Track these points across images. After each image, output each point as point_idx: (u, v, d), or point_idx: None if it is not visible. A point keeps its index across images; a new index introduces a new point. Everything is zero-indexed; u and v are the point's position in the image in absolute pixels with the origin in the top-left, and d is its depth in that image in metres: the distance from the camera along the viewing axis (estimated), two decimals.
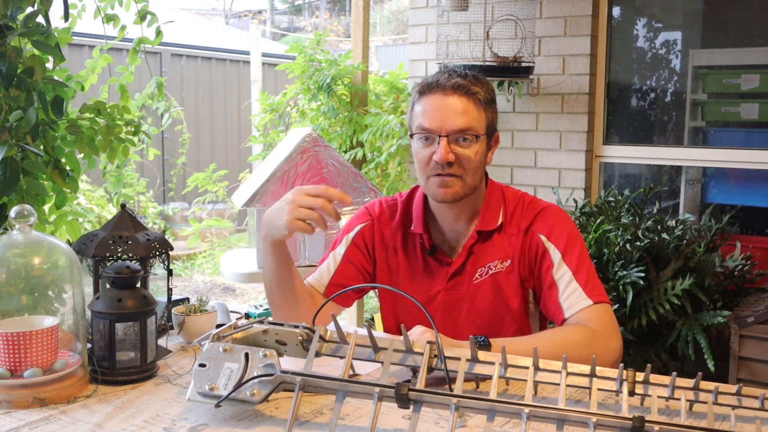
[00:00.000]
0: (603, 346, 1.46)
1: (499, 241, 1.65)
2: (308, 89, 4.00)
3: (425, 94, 1.58)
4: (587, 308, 1.51)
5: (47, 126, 2.02)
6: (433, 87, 1.57)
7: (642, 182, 3.70)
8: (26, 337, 1.28)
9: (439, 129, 1.54)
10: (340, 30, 16.47)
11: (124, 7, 2.41)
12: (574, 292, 1.54)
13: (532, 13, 3.38)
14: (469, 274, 1.65)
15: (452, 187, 1.57)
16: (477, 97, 1.56)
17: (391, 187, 3.89)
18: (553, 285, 1.57)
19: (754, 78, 3.37)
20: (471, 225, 1.67)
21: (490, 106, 1.61)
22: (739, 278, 2.87)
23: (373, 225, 1.74)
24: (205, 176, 5.18)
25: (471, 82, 1.57)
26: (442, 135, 1.54)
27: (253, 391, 1.17)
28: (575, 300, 1.53)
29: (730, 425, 1.12)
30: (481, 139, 1.58)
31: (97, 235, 1.47)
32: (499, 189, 1.70)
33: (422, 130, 1.57)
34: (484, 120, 1.58)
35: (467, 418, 1.20)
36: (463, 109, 1.54)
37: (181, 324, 1.60)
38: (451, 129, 1.54)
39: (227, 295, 5.95)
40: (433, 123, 1.55)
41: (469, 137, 1.55)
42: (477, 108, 1.56)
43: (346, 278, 1.70)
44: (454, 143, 1.55)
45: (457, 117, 1.54)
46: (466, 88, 1.55)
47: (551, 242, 1.60)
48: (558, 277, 1.56)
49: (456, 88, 1.55)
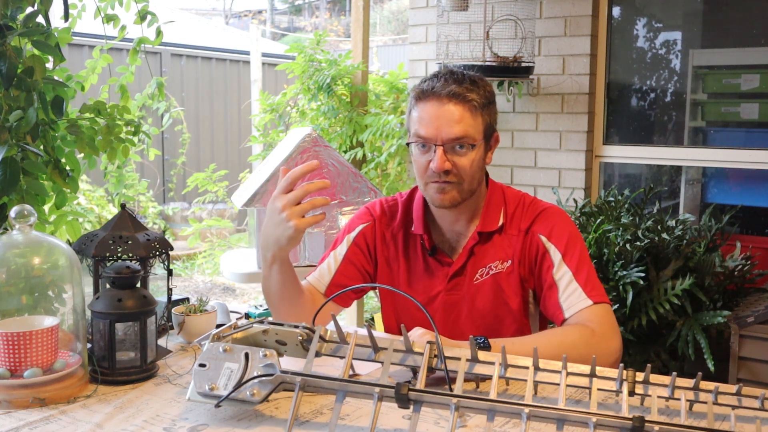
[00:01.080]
0: (602, 346, 1.46)
1: (499, 242, 1.65)
2: (308, 89, 4.00)
3: (421, 100, 1.58)
4: (587, 308, 1.52)
5: (47, 126, 2.02)
6: (428, 94, 1.56)
7: (642, 182, 3.70)
8: (26, 337, 1.28)
9: (435, 138, 1.54)
10: (340, 30, 16.47)
11: (124, 7, 2.41)
12: (574, 292, 1.54)
13: (532, 13, 3.38)
14: (469, 275, 1.66)
15: (450, 193, 1.57)
16: (473, 104, 1.55)
17: (391, 187, 3.89)
18: (553, 285, 1.57)
19: (754, 78, 3.37)
20: (471, 226, 1.67)
21: (488, 108, 1.60)
22: (739, 278, 2.87)
23: (374, 225, 1.74)
24: (205, 176, 5.18)
25: (467, 88, 1.55)
26: (438, 144, 1.54)
27: (253, 391, 1.17)
28: (575, 300, 1.53)
29: (730, 425, 1.12)
30: (478, 145, 1.57)
31: (97, 235, 1.47)
32: (500, 190, 1.70)
33: (418, 138, 1.57)
34: (481, 125, 1.58)
35: (467, 418, 1.20)
36: (458, 117, 1.54)
37: (181, 324, 1.60)
38: (446, 138, 1.53)
39: (227, 295, 5.95)
40: (428, 131, 1.55)
41: (465, 145, 1.55)
42: (473, 115, 1.55)
43: (346, 278, 1.70)
44: (450, 152, 1.55)
45: (453, 126, 1.53)
46: (462, 95, 1.54)
47: (551, 243, 1.60)
48: (558, 278, 1.56)
49: (451, 96, 1.54)
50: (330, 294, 1.66)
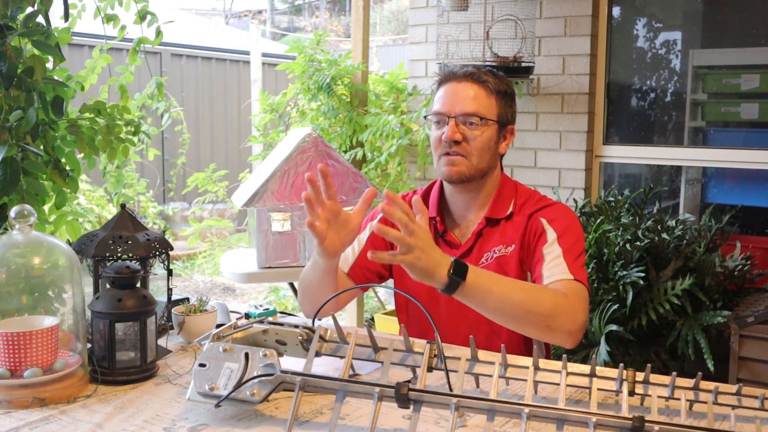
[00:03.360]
0: (569, 313, 1.49)
1: (505, 228, 1.72)
2: (308, 89, 4.00)
3: (442, 84, 1.73)
4: (566, 280, 1.56)
5: (47, 126, 2.02)
6: (448, 77, 1.72)
7: (642, 182, 3.70)
8: (26, 337, 1.28)
9: (449, 111, 1.67)
10: (340, 30, 16.47)
11: (124, 7, 2.41)
12: (559, 266, 1.59)
13: (532, 13, 3.38)
14: (475, 258, 1.72)
15: (458, 165, 1.67)
16: (487, 85, 1.68)
17: (391, 187, 3.89)
18: (540, 259, 1.63)
19: (754, 78, 3.37)
20: (481, 212, 1.75)
21: (504, 97, 1.71)
22: (739, 278, 2.87)
23: None
24: (205, 176, 5.18)
25: (484, 72, 1.70)
26: (451, 116, 1.66)
27: (253, 391, 1.17)
28: (557, 271, 1.58)
29: (730, 425, 1.12)
30: (490, 124, 1.68)
31: (97, 235, 1.47)
32: (513, 183, 1.79)
33: (435, 113, 1.70)
34: (495, 107, 1.69)
35: (467, 418, 1.20)
36: (473, 95, 1.67)
37: (181, 324, 1.60)
38: (459, 112, 1.66)
39: (227, 295, 5.95)
40: (444, 107, 1.68)
41: (476, 121, 1.66)
42: (487, 95, 1.68)
43: (369, 260, 1.75)
44: (462, 125, 1.66)
45: (467, 102, 1.66)
46: (477, 76, 1.69)
47: (551, 226, 1.66)
48: (546, 252, 1.62)
49: (467, 76, 1.69)
50: (353, 274, 1.77)
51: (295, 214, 2.71)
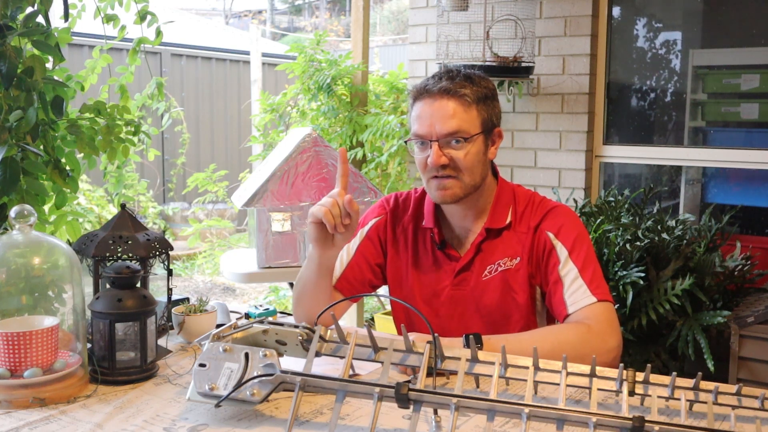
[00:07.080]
0: (598, 342, 1.47)
1: (508, 239, 1.67)
2: (308, 89, 4.00)
3: (417, 100, 1.62)
4: (590, 306, 1.53)
5: (47, 126, 2.02)
6: (422, 93, 1.61)
7: (642, 182, 3.70)
8: (26, 337, 1.28)
9: (430, 134, 1.58)
10: (340, 30, 16.47)
11: (124, 7, 2.41)
12: (579, 289, 1.55)
13: (532, 13, 3.38)
14: (477, 271, 1.68)
15: (450, 188, 1.60)
16: (465, 98, 1.58)
17: (391, 187, 3.89)
18: (558, 281, 1.59)
19: (754, 78, 3.37)
20: (479, 222, 1.70)
21: (484, 102, 1.61)
22: (739, 278, 2.87)
23: (386, 219, 1.79)
24: (205, 176, 5.17)
25: (459, 84, 1.58)
26: (433, 140, 1.57)
27: (253, 391, 1.17)
28: (579, 297, 1.55)
29: (730, 425, 1.12)
30: (475, 138, 1.59)
31: (97, 235, 1.47)
32: (510, 188, 1.73)
33: (416, 136, 1.61)
34: (477, 118, 1.60)
35: (467, 418, 1.20)
36: (452, 112, 1.57)
37: (181, 324, 1.60)
38: (440, 133, 1.57)
39: (227, 295, 5.95)
40: (422, 129, 1.59)
41: (460, 139, 1.57)
42: (466, 109, 1.58)
43: (357, 271, 1.75)
44: (446, 146, 1.58)
45: (446, 121, 1.57)
46: (453, 90, 1.57)
47: (559, 240, 1.62)
48: (564, 274, 1.58)
49: (443, 92, 1.58)
50: (340, 286, 1.72)
51: (295, 214, 2.71)
